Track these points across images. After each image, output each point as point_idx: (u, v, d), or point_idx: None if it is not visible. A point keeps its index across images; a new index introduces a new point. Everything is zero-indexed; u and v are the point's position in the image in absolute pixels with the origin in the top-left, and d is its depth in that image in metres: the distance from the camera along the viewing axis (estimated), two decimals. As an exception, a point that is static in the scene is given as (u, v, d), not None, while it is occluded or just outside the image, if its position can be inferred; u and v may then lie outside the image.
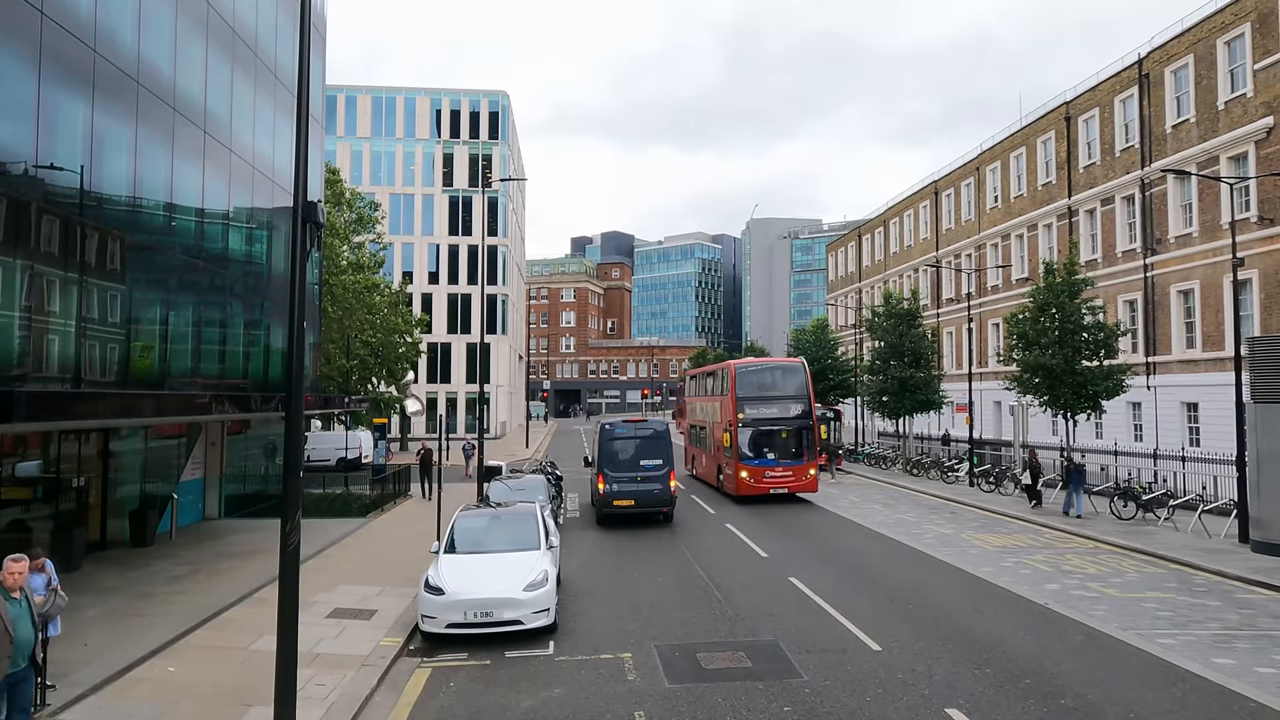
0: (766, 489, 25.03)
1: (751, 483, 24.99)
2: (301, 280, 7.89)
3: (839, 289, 64.67)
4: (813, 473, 25.61)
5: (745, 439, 25.19)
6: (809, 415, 25.84)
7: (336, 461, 34.79)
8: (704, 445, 30.49)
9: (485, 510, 14.88)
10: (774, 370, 27.80)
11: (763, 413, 25.52)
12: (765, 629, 11.94)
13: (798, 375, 26.46)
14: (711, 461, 28.82)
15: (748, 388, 25.96)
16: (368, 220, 40.54)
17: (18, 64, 10.81)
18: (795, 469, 25.23)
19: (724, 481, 26.78)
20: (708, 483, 29.69)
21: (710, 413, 29.32)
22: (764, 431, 25.31)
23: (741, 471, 25.04)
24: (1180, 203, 28.67)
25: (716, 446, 27.73)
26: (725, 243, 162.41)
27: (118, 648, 10.57)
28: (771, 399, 25.83)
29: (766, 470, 25.02)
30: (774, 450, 25.35)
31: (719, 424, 27.34)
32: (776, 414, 25.63)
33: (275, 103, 20.12)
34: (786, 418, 25.61)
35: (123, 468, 18.01)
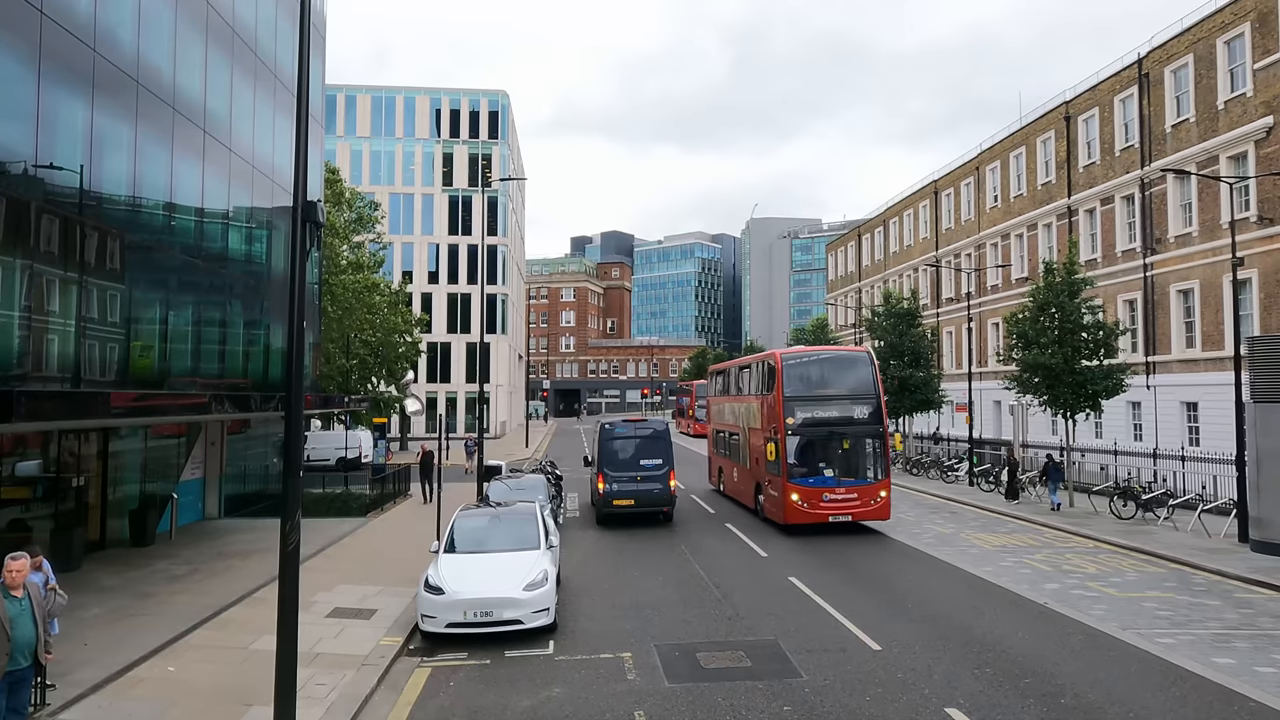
0: (824, 516, 19.44)
1: (804, 508, 19.43)
2: (301, 280, 7.89)
3: (839, 289, 64.68)
4: (883, 494, 19.85)
5: (796, 451, 19.71)
6: (879, 419, 20.24)
7: (336, 461, 34.79)
8: (736, 457, 24.69)
9: (485, 510, 14.89)
10: (832, 361, 22.08)
11: (819, 416, 19.98)
12: (765, 628, 11.94)
13: (862, 368, 20.90)
14: (747, 478, 23.31)
15: (798, 384, 20.46)
16: (367, 220, 40.56)
17: (17, 63, 10.81)
18: (861, 490, 19.73)
19: (765, 504, 21.28)
20: (741, 504, 24.24)
21: (746, 416, 23.60)
22: (821, 441, 19.92)
23: (791, 493, 19.45)
24: (1180, 202, 28.67)
25: (755, 459, 22.11)
26: (725, 242, 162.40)
27: (118, 647, 10.57)
28: (830, 398, 20.34)
29: (824, 492, 19.50)
30: (833, 465, 19.86)
31: (759, 430, 21.69)
32: (837, 417, 20.05)
33: (275, 102, 20.12)
34: (850, 422, 20.05)
35: (122, 467, 18.01)
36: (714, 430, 29.09)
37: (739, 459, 24.44)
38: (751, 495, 22.75)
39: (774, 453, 20.03)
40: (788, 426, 19.80)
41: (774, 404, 20.41)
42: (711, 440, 29.66)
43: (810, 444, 19.89)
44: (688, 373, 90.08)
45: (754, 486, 22.46)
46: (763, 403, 21.60)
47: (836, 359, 22.47)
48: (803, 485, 19.62)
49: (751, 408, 22.88)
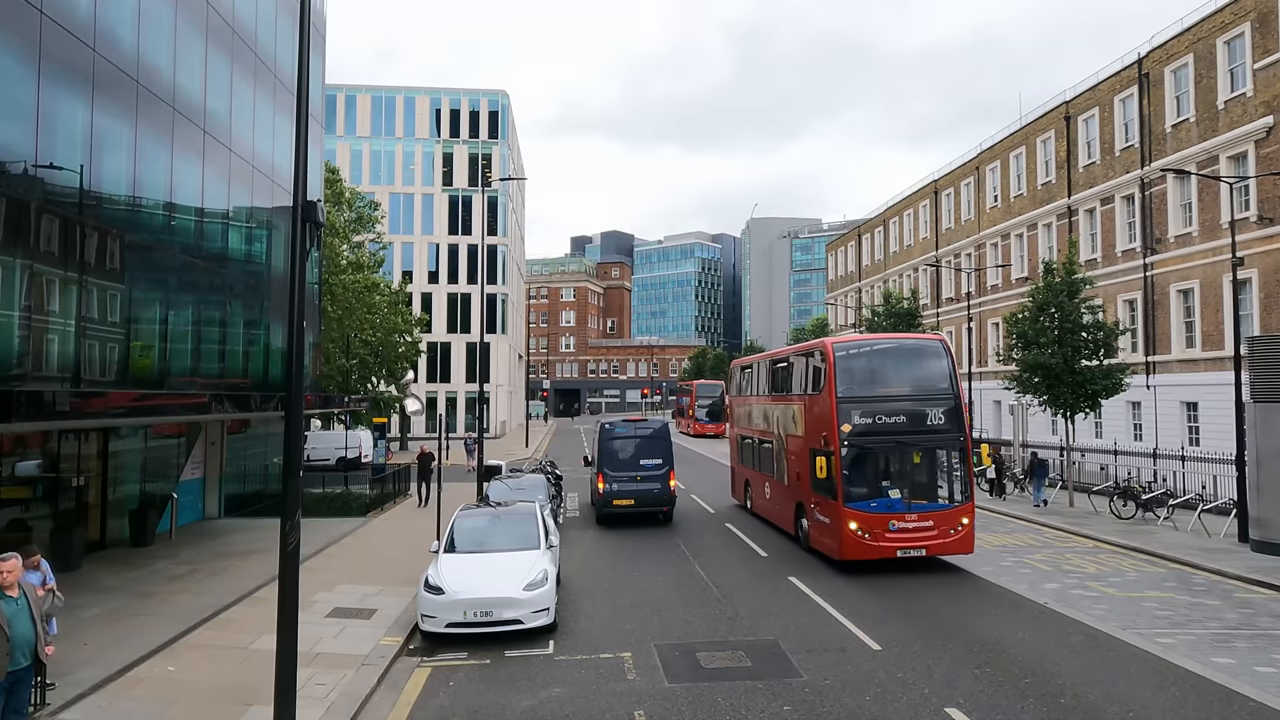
0: (890, 550, 15.26)
1: (865, 539, 15.21)
2: (301, 280, 7.89)
3: (839, 288, 64.68)
4: (965, 522, 15.64)
5: (854, 466, 15.55)
6: (959, 423, 16.02)
7: (336, 461, 34.78)
8: (770, 469, 20.48)
9: (485, 510, 14.90)
10: (898, 352, 17.68)
11: (883, 422, 15.70)
12: (765, 628, 11.94)
13: (936, 360, 16.59)
14: (784, 497, 19.11)
15: (856, 381, 16.26)
16: (367, 220, 40.57)
17: (17, 63, 10.81)
18: (938, 516, 15.53)
19: (811, 532, 17.03)
20: (777, 527, 20.08)
21: (783, 421, 19.16)
22: (885, 453, 15.84)
23: (848, 521, 15.25)
24: (1180, 202, 28.67)
25: (796, 475, 17.99)
26: (725, 242, 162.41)
27: (117, 647, 10.57)
28: (896, 399, 16.06)
29: (891, 519, 15.33)
30: (901, 485, 15.72)
31: (801, 439, 17.60)
32: (905, 424, 15.77)
33: (275, 102, 20.12)
34: (922, 429, 15.78)
35: (122, 467, 18.01)
36: (739, 437, 24.17)
37: (773, 473, 20.07)
38: (790, 518, 18.59)
39: (824, 468, 15.78)
40: (842, 436, 15.45)
41: (824, 407, 16.15)
42: (736, 448, 24.69)
43: (872, 457, 15.73)
44: (688, 373, 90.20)
45: (794, 508, 18.19)
46: (808, 405, 17.36)
47: (903, 349, 17.94)
48: (863, 511, 15.30)
49: (792, 411, 18.47)
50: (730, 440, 25.94)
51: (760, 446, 21.57)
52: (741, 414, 24.29)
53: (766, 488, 20.95)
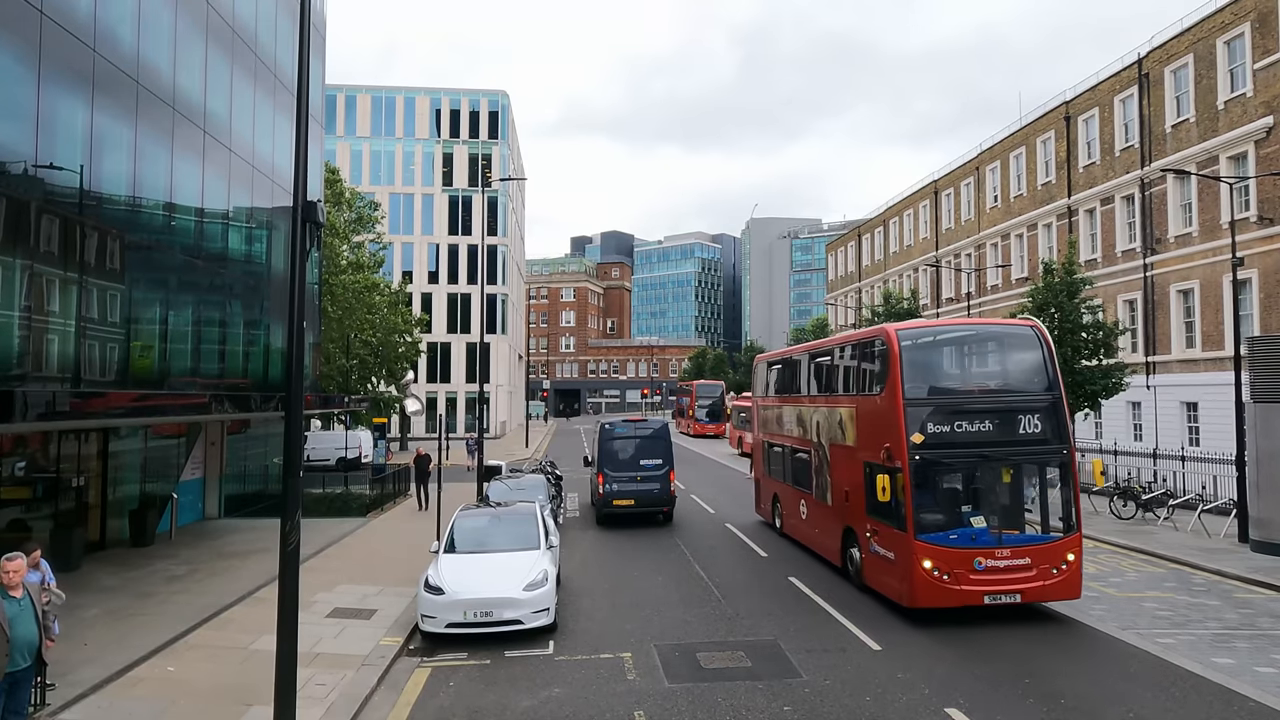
0: (977, 595, 11.89)
1: (944, 581, 11.84)
2: (301, 280, 7.89)
3: (839, 289, 64.68)
4: (1071, 558, 12.18)
5: (927, 486, 12.31)
6: (1061, 432, 12.62)
7: (336, 461, 34.78)
8: (806, 485, 17.24)
9: (485, 510, 14.90)
10: (981, 342, 14.56)
11: (964, 429, 12.32)
12: (765, 628, 11.94)
13: (1030, 352, 13.14)
14: (828, 521, 15.82)
15: (929, 377, 13.01)
16: (367, 220, 40.57)
17: (17, 63, 10.81)
18: (1037, 551, 12.12)
19: (867, 567, 13.69)
20: (815, 554, 16.84)
21: (827, 427, 15.84)
22: (968, 471, 12.63)
23: (921, 559, 11.90)
24: (1180, 202, 28.68)
25: (845, 494, 14.68)
26: (725, 242, 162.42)
27: (117, 647, 10.57)
28: (981, 402, 12.70)
29: (976, 555, 11.93)
30: (989, 511, 12.48)
31: (853, 451, 14.30)
32: (993, 431, 12.38)
33: (275, 102, 20.12)
34: (1014, 440, 12.44)
35: (122, 467, 18.01)
36: (766, 444, 20.91)
37: (811, 489, 16.81)
38: (834, 547, 15.34)
39: (886, 489, 12.32)
40: (912, 448, 12.05)
41: (886, 411, 12.71)
42: (761, 457, 21.39)
43: (950, 476, 12.49)
44: (688, 373, 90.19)
45: (839, 535, 14.99)
46: (862, 409, 14.00)
47: (987, 337, 14.55)
48: (940, 545, 11.91)
49: (838, 416, 15.15)
50: (754, 447, 22.52)
51: (794, 457, 18.21)
52: (769, 418, 20.72)
53: (802, 506, 17.52)
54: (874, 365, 13.77)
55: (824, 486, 16.03)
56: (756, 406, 22.69)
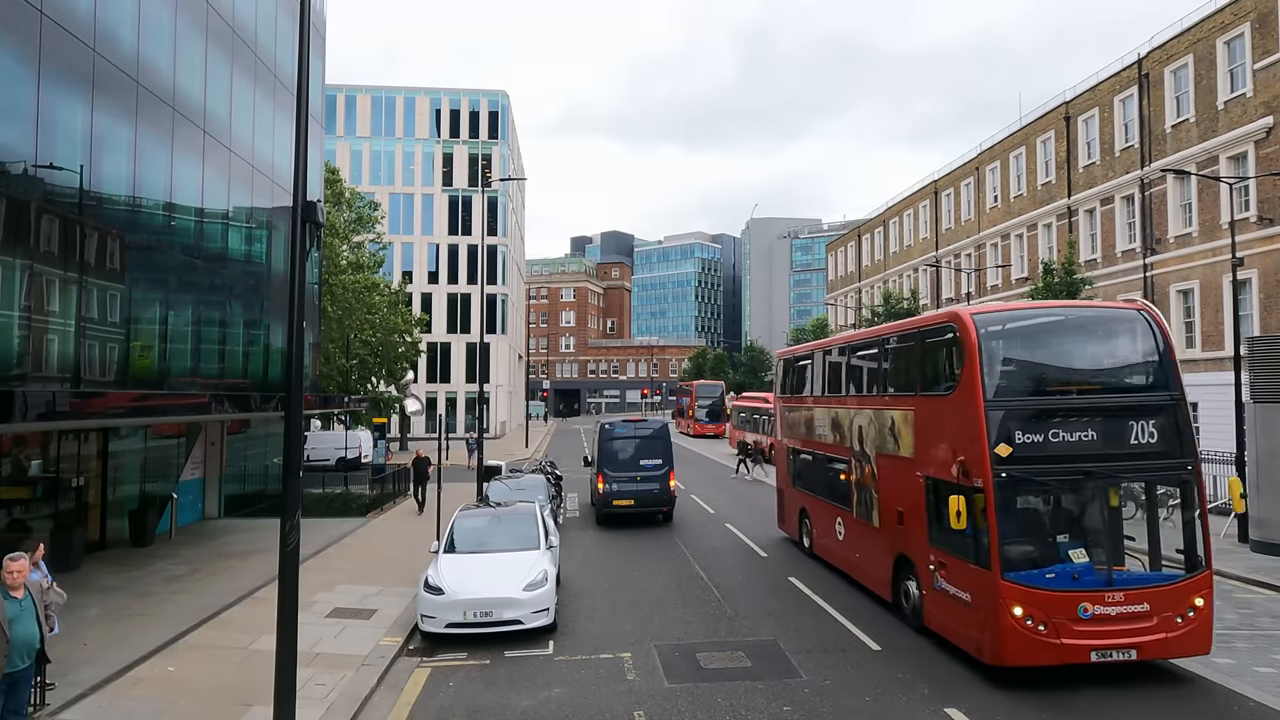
0: (1081, 651, 9.44)
1: (1040, 631, 9.45)
2: (301, 280, 7.89)
3: (839, 289, 64.68)
4: (1200, 603, 9.79)
5: (1015, 511, 10.00)
6: (1184, 444, 10.43)
7: (336, 461, 34.79)
8: (843, 500, 14.83)
9: (485, 510, 14.91)
10: (1079, 330, 11.36)
11: (1062, 438, 9.98)
12: (765, 628, 11.94)
13: (1141, 341, 10.87)
14: (875, 546, 13.35)
15: (1015, 373, 10.57)
16: (367, 220, 40.57)
17: (17, 63, 10.81)
18: (1156, 595, 9.74)
19: (928, 607, 11.32)
20: (856, 583, 14.40)
21: (872, 434, 13.48)
22: (1067, 491, 10.28)
23: (1011, 603, 9.52)
24: (1180, 202, 28.68)
25: (901, 515, 12.25)
26: (725, 242, 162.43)
27: (117, 647, 10.58)
28: (1083, 404, 10.28)
29: (1081, 599, 9.50)
30: (1095, 544, 10.19)
31: (907, 463, 12.06)
32: (1098, 442, 10.04)
33: (275, 102, 20.12)
34: (1127, 453, 10.18)
35: (122, 467, 18.02)
36: (791, 451, 18.44)
37: (852, 507, 14.32)
38: (883, 578, 12.85)
39: (961, 512, 9.68)
40: (998, 463, 9.62)
41: (961, 415, 10.25)
42: (786, 465, 18.87)
43: (1044, 498, 10.09)
44: (687, 373, 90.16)
45: (890, 564, 12.52)
46: (924, 412, 11.58)
47: (1086, 323, 11.33)
48: (1034, 586, 9.46)
49: (888, 421, 12.68)
50: (777, 454, 20.20)
51: (828, 467, 15.88)
52: (796, 421, 18.16)
53: (838, 525, 15.17)
54: (941, 359, 11.46)
55: (868, 504, 13.59)
56: (780, 408, 19.91)
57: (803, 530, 17.63)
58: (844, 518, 14.92)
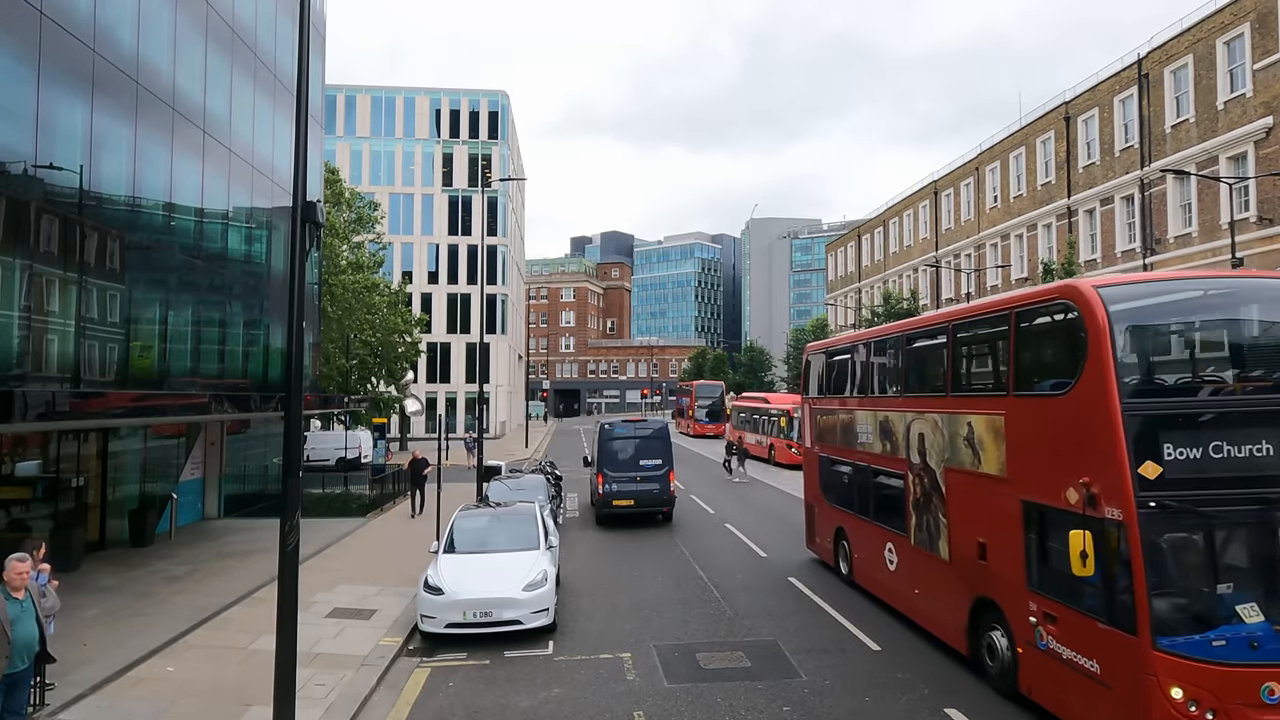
0: None
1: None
2: (301, 280, 7.89)
3: (839, 289, 64.68)
4: None
5: (1168, 556, 7.31)
6: None
7: (336, 461, 34.79)
8: (898, 524, 12.38)
9: (485, 510, 14.91)
10: (1241, 303, 8.52)
11: (1228, 451, 7.27)
12: (764, 629, 11.94)
13: None
14: (943, 583, 10.91)
15: (1160, 365, 8.29)
16: (367, 220, 40.57)
17: (17, 63, 10.82)
18: None
19: (1026, 670, 8.90)
20: (910, 621, 12.02)
21: (943, 445, 10.92)
22: (1241, 528, 7.47)
23: (1169, 684, 6.88)
24: (1180, 203, 28.69)
25: (978, 550, 9.91)
26: (725, 242, 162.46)
27: (117, 647, 10.58)
28: (1257, 412, 7.50)
29: (1266, 676, 6.82)
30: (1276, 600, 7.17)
31: (1000, 483, 9.42)
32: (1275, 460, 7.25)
33: (275, 102, 20.13)
34: None
35: (122, 467, 18.01)
36: (824, 460, 15.99)
37: (909, 532, 11.82)
38: (955, 623, 10.37)
39: (1088, 554, 7.50)
40: (1144, 487, 7.30)
41: (1086, 421, 7.87)
42: (817, 476, 16.35)
43: (1206, 536, 7.53)
44: (687, 373, 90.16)
45: (966, 607, 10.09)
46: (1022, 416, 9.07)
47: (1251, 297, 8.70)
48: (1199, 658, 7.01)
49: (963, 427, 10.23)
50: (806, 463, 17.48)
51: (875, 482, 13.30)
52: (830, 425, 15.72)
53: (889, 553, 12.63)
54: (1050, 347, 9.19)
55: (932, 530, 11.10)
56: (808, 411, 17.18)
57: (839, 554, 15.04)
58: (896, 544, 12.41)
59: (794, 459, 36.18)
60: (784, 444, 37.24)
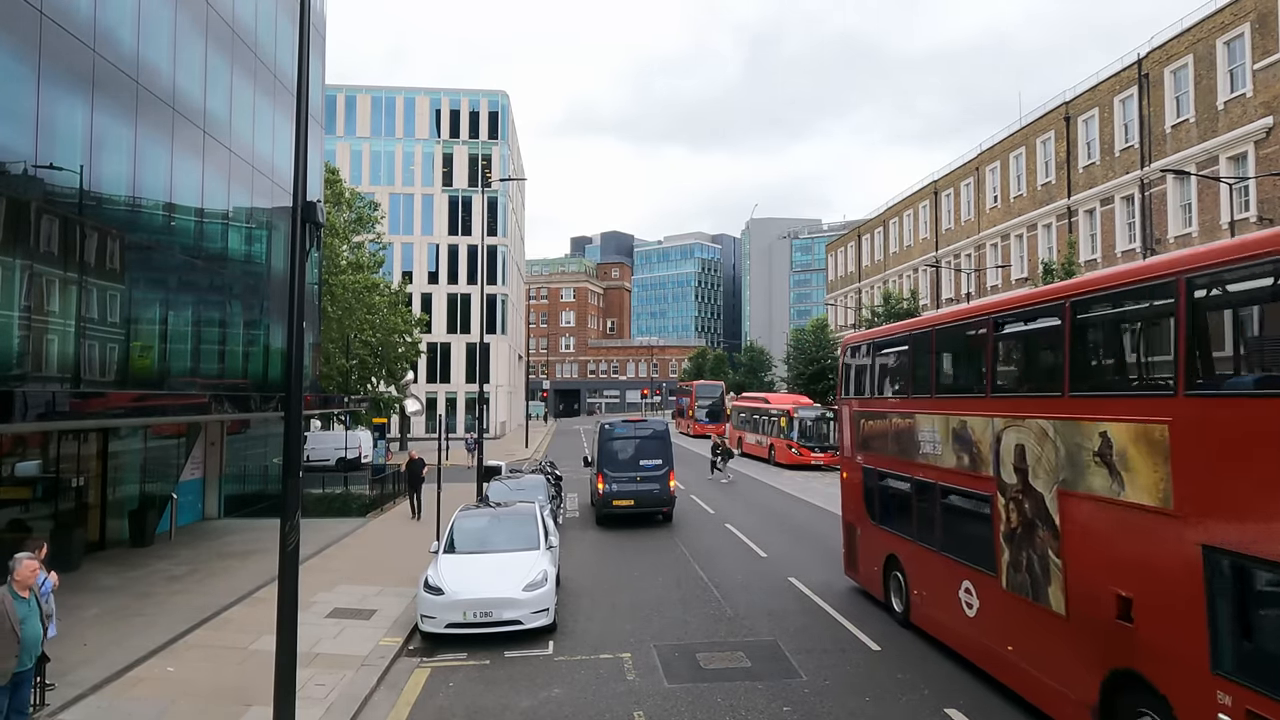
0: None
1: None
2: (301, 280, 7.89)
3: (839, 289, 64.68)
4: None
5: None
6: None
7: (336, 461, 34.80)
8: (982, 559, 9.80)
9: (485, 510, 14.91)
10: None
11: None
12: (764, 629, 11.94)
13: None
14: (1071, 651, 8.00)
15: None
16: (367, 220, 40.57)
17: (17, 63, 10.82)
18: None
19: None
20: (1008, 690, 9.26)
21: (1058, 462, 8.26)
22: None
23: None
24: (1180, 203, 28.68)
25: (1116, 607, 7.29)
26: (725, 242, 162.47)
27: (117, 647, 10.58)
28: None
29: None
30: None
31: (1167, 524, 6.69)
32: None
33: (275, 102, 20.13)
34: None
35: (122, 467, 18.01)
36: (871, 473, 13.38)
37: (1009, 574, 9.26)
38: (1081, 699, 7.83)
39: None
40: None
41: None
42: (860, 492, 13.78)
43: None
44: (687, 373, 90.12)
45: (1100, 683, 7.53)
46: (1206, 426, 6.39)
47: None
48: None
49: (1105, 440, 7.54)
50: (846, 476, 14.68)
51: (945, 503, 10.81)
52: (881, 432, 13.09)
53: (967, 594, 10.12)
54: (1254, 325, 6.71)
55: (1037, 571, 8.60)
56: (849, 414, 14.51)
57: (890, 587, 12.51)
58: (978, 583, 9.83)
59: (794, 459, 36.24)
60: (784, 444, 37.25)
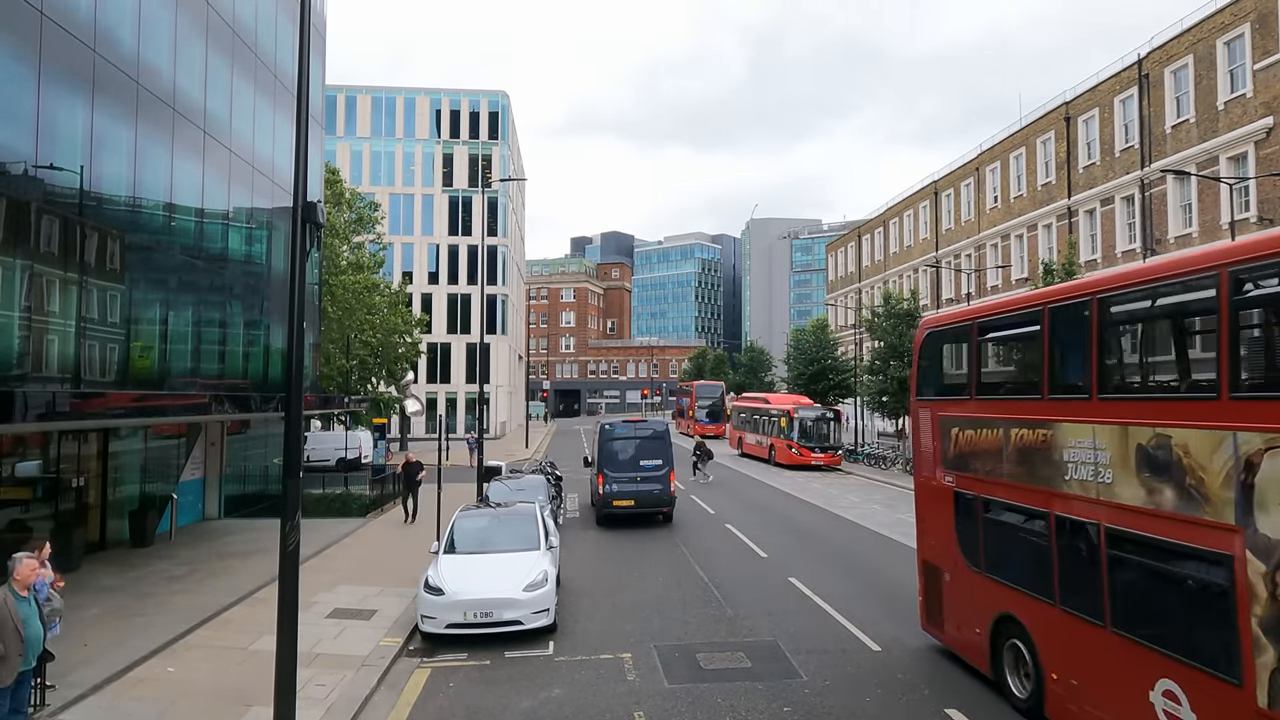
0: None
1: None
2: (301, 280, 7.89)
3: (839, 289, 64.67)
4: None
5: None
6: None
7: (336, 462, 34.79)
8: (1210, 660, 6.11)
9: (485, 510, 14.90)
10: None
11: None
12: (764, 629, 11.94)
13: None
14: None
15: None
16: (367, 220, 40.56)
17: (17, 64, 10.82)
18: None
19: None
20: None
21: None
22: None
23: None
24: (1180, 203, 28.68)
25: None
26: (725, 243, 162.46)
27: (117, 648, 10.57)
28: None
29: None
30: None
31: None
32: None
33: (275, 102, 20.13)
34: None
35: (122, 468, 18.01)
36: (975, 503, 9.77)
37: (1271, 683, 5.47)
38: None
39: None
40: None
41: None
42: (952, 523, 10.31)
43: None
44: (687, 373, 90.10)
45: None
46: None
47: None
48: None
49: None
50: (922, 501, 11.39)
51: (1119, 556, 7.27)
52: (990, 446, 9.50)
53: (1169, 704, 6.58)
54: None
55: None
56: (933, 419, 10.92)
57: (1004, 659, 9.16)
58: (1197, 690, 6.36)
59: (794, 459, 36.25)
60: (784, 444, 37.26)
